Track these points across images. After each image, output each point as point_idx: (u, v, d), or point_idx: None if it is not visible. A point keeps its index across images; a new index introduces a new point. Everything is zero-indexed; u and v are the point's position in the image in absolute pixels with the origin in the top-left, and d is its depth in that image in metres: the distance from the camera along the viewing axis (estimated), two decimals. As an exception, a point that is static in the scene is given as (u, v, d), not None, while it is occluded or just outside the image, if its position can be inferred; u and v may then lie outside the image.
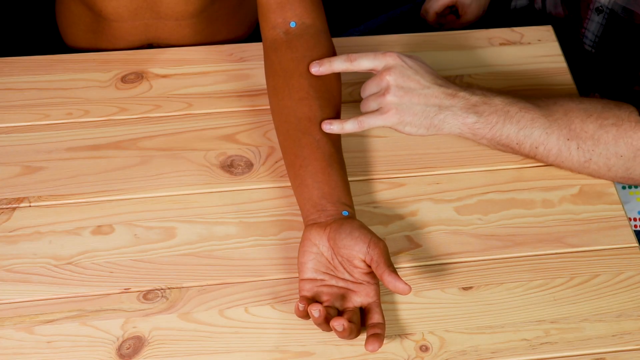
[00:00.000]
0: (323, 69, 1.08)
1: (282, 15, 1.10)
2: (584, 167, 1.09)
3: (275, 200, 1.09)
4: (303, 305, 0.95)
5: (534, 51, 1.26)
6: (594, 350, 0.98)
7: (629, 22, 1.20)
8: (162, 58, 1.23)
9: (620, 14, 1.20)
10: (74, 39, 1.33)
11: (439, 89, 1.08)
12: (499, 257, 1.05)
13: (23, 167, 1.10)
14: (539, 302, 1.01)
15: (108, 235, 1.05)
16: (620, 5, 1.20)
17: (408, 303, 1.01)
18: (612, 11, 1.21)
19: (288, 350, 0.97)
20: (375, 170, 1.12)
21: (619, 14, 1.20)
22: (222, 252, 1.04)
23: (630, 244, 1.06)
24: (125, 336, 0.97)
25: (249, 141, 1.14)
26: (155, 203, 1.08)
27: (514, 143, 1.09)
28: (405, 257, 1.05)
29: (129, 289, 1.01)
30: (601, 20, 1.23)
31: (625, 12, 1.19)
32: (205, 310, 0.99)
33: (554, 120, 1.07)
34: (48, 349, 0.96)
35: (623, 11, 1.19)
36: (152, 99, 1.18)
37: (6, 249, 1.03)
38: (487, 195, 1.10)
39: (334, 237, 0.97)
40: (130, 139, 1.13)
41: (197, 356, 0.96)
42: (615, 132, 1.06)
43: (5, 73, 1.19)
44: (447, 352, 0.97)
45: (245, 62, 1.23)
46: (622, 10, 1.19)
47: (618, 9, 1.20)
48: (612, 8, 1.21)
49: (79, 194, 1.08)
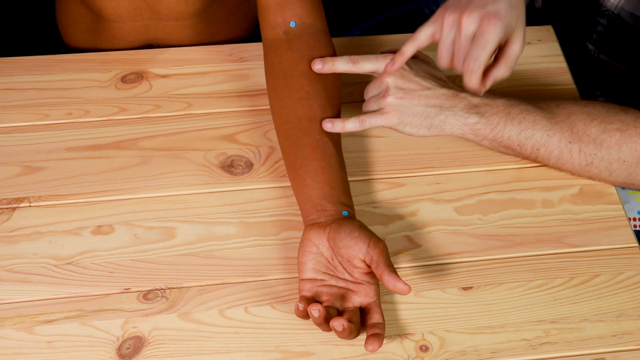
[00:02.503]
0: (326, 68, 1.08)
1: (282, 15, 1.10)
2: (585, 171, 1.09)
3: (275, 200, 1.09)
4: (303, 305, 0.95)
5: (534, 51, 1.26)
6: (594, 350, 0.98)
7: (635, 28, 1.19)
8: (162, 58, 1.23)
9: (627, 19, 1.19)
10: (74, 39, 1.33)
11: (439, 90, 1.09)
12: (499, 257, 1.05)
13: (23, 167, 1.10)
14: (539, 302, 1.01)
15: (108, 235, 1.05)
16: (628, 12, 1.19)
17: (408, 303, 1.01)
18: (619, 16, 1.20)
19: (288, 350, 0.97)
20: (375, 170, 1.12)
21: (626, 19, 1.20)
22: (222, 252, 1.04)
23: (630, 244, 1.06)
24: (125, 336, 0.97)
25: (249, 141, 1.14)
26: (155, 203, 1.08)
27: (515, 144, 1.09)
28: (405, 257, 1.05)
29: (129, 289, 1.01)
30: (606, 24, 1.23)
31: (632, 18, 1.19)
32: (205, 310, 0.99)
33: (556, 122, 1.07)
34: (48, 349, 0.96)
35: (631, 17, 1.19)
36: (152, 99, 1.18)
37: (6, 249, 1.03)
38: (487, 195, 1.10)
39: (334, 237, 0.97)
40: (130, 139, 1.13)
41: (197, 356, 0.96)
42: (619, 136, 1.06)
43: (5, 73, 1.19)
44: (447, 352, 0.97)
45: (245, 62, 1.23)
46: (630, 17, 1.19)
47: (625, 15, 1.19)
48: (619, 13, 1.20)
49: (79, 194, 1.08)
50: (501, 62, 1.01)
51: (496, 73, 1.02)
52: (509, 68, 1.01)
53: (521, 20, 1.01)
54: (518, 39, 1.00)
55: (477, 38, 0.98)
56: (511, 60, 1.01)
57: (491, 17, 0.97)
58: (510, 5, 0.99)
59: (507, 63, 1.01)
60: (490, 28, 0.97)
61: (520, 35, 1.00)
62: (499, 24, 0.97)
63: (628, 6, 1.19)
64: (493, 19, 0.97)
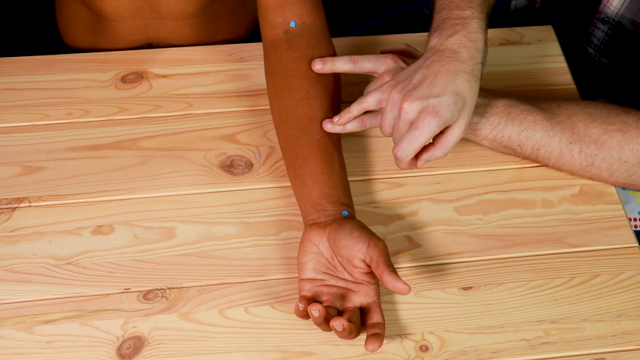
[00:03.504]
0: (326, 68, 1.08)
1: (282, 15, 1.10)
2: (586, 171, 1.09)
3: (275, 200, 1.09)
4: (303, 305, 0.95)
5: (534, 51, 1.26)
6: (594, 350, 0.98)
7: (636, 34, 1.19)
8: (162, 58, 1.23)
9: (627, 26, 1.19)
10: (74, 39, 1.33)
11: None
12: (499, 257, 1.05)
13: (23, 167, 1.10)
14: (539, 302, 1.01)
15: (108, 235, 1.05)
16: (628, 19, 1.19)
17: (408, 303, 1.01)
18: (619, 23, 1.20)
19: (288, 350, 0.97)
20: (375, 170, 1.12)
21: (626, 26, 1.19)
22: (222, 252, 1.04)
23: (630, 244, 1.06)
24: (125, 336, 0.97)
25: (249, 141, 1.14)
26: (155, 203, 1.08)
27: (515, 144, 1.09)
28: (405, 257, 1.05)
29: (129, 289, 1.01)
30: (606, 30, 1.22)
31: (633, 25, 1.19)
32: (205, 310, 0.99)
33: (557, 123, 1.07)
34: (48, 349, 0.96)
35: (631, 24, 1.19)
36: (152, 99, 1.18)
37: (6, 249, 1.03)
38: (487, 195, 1.10)
39: (334, 237, 0.97)
40: (130, 139, 1.13)
41: (197, 356, 0.96)
42: (620, 137, 1.06)
43: (5, 73, 1.19)
44: (447, 352, 0.97)
45: (245, 62, 1.23)
46: (630, 24, 1.19)
47: (625, 22, 1.19)
48: (619, 20, 1.20)
49: (79, 194, 1.08)
50: (437, 146, 1.01)
51: (429, 155, 1.02)
52: (443, 153, 1.01)
53: (467, 110, 1.00)
54: (458, 127, 1.00)
55: (412, 128, 0.98)
56: (446, 146, 1.01)
57: (428, 113, 0.97)
58: (455, 98, 0.98)
59: (442, 148, 1.01)
60: (424, 125, 0.97)
61: (462, 124, 1.00)
62: (434, 121, 0.97)
63: (628, 13, 1.19)
64: (429, 115, 0.97)
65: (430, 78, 0.99)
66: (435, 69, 0.99)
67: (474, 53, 1.00)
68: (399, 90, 1.00)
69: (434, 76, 0.99)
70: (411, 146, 0.98)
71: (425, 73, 0.99)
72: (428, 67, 1.00)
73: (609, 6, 1.20)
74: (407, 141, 0.99)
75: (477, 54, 1.01)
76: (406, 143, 0.99)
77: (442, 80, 0.98)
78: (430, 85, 0.98)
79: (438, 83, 0.98)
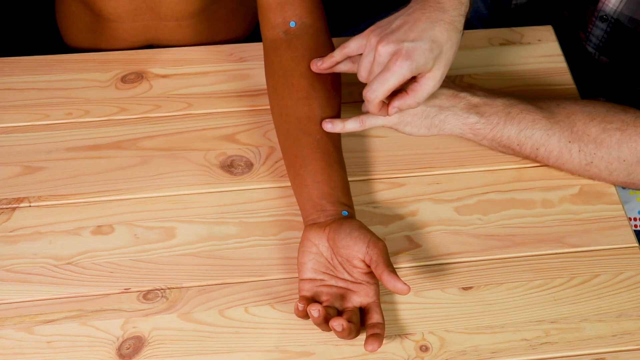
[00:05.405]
0: (326, 65, 1.08)
1: (282, 15, 1.10)
2: (585, 170, 1.09)
3: (275, 200, 1.09)
4: (302, 305, 0.95)
5: (534, 51, 1.26)
6: (594, 350, 0.98)
7: (634, 32, 1.19)
8: (162, 58, 1.23)
9: (626, 23, 1.19)
10: (74, 39, 1.33)
11: (439, 89, 1.08)
12: (499, 257, 1.05)
13: (23, 167, 1.10)
14: (539, 302, 1.01)
15: (108, 235, 1.05)
16: (627, 16, 1.19)
17: (408, 303, 1.01)
18: (618, 21, 1.20)
19: (288, 350, 0.97)
20: (375, 170, 1.12)
21: (625, 23, 1.19)
22: (222, 252, 1.04)
23: (630, 244, 1.06)
24: (125, 336, 0.97)
25: (249, 141, 1.14)
26: (155, 203, 1.08)
27: (514, 144, 1.09)
28: (405, 257, 1.05)
29: (129, 289, 1.01)
30: (605, 28, 1.22)
31: (632, 22, 1.19)
32: (205, 310, 0.99)
33: (556, 122, 1.07)
34: (48, 349, 0.96)
35: (630, 21, 1.19)
36: (152, 99, 1.18)
37: (6, 249, 1.03)
38: (487, 195, 1.10)
39: (334, 237, 0.97)
40: (130, 139, 1.13)
41: (197, 356, 0.96)
42: (619, 136, 1.06)
43: (5, 73, 1.19)
44: (447, 352, 0.97)
45: (245, 62, 1.23)
46: (629, 21, 1.19)
47: (624, 19, 1.19)
48: (618, 18, 1.20)
49: (79, 194, 1.08)
50: (410, 94, 1.00)
51: (401, 103, 1.01)
52: (416, 102, 1.00)
53: (443, 60, 0.99)
54: (432, 77, 0.99)
55: (383, 70, 0.98)
56: (419, 95, 1.00)
57: (401, 55, 0.97)
58: (431, 45, 0.97)
59: (415, 96, 1.00)
60: (396, 67, 0.97)
61: (437, 74, 0.99)
62: (405, 64, 0.96)
63: (627, 10, 1.19)
64: (401, 58, 0.96)
65: (409, 24, 0.99)
66: (415, 17, 0.99)
67: (456, 5, 1.00)
68: (377, 34, 1.00)
69: (412, 22, 0.99)
70: (381, 87, 0.97)
71: (405, 19, 1.00)
72: (410, 14, 1.00)
73: (607, 3, 1.20)
74: (377, 82, 0.98)
75: (460, 7, 1.01)
76: (376, 84, 0.98)
77: (421, 26, 0.98)
78: (407, 31, 0.98)
79: (416, 29, 0.98)
